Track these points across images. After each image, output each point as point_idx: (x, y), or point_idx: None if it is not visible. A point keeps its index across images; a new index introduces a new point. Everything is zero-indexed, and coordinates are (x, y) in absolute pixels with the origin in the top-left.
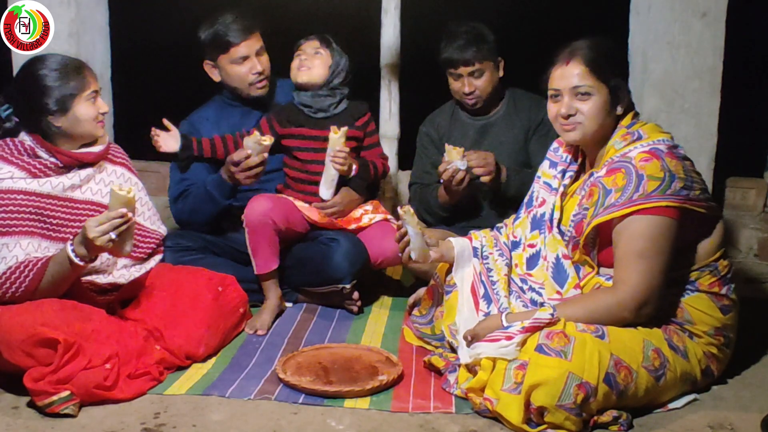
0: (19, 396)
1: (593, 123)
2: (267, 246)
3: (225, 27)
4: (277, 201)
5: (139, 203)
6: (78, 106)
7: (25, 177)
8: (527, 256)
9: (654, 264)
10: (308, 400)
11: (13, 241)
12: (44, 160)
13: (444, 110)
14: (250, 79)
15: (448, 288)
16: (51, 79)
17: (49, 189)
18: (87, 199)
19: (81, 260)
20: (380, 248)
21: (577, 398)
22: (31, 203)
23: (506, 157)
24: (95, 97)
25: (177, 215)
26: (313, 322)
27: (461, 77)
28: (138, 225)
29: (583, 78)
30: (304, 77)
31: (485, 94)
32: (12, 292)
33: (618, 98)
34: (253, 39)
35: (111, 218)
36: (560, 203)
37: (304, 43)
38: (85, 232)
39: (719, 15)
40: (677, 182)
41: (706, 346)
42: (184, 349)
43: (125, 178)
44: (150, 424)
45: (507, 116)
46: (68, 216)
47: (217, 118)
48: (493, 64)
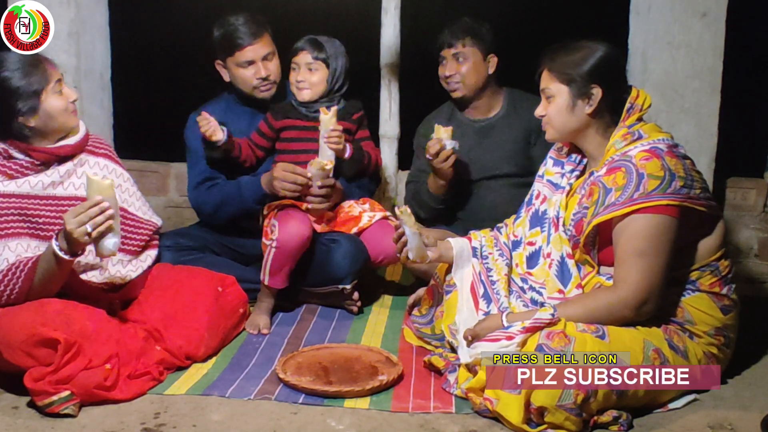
0: (19, 396)
1: (558, 122)
2: (290, 267)
3: (233, 30)
4: (307, 222)
5: (126, 194)
6: (46, 101)
7: (2, 180)
8: (527, 255)
9: (654, 262)
10: (308, 400)
11: (1, 245)
12: (19, 160)
13: (442, 111)
14: (254, 83)
15: (447, 288)
16: (14, 80)
17: (28, 189)
18: (71, 195)
19: (65, 254)
20: (381, 246)
21: (577, 398)
22: (12, 205)
23: (506, 158)
24: (60, 87)
25: (196, 202)
26: (313, 322)
27: (446, 61)
28: (129, 215)
29: (545, 81)
30: (306, 96)
31: (468, 82)
32: (7, 295)
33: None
34: (260, 43)
35: (86, 207)
36: (566, 201)
37: (298, 53)
38: (64, 225)
39: (719, 15)
40: (677, 181)
41: (707, 346)
42: (184, 350)
43: (109, 170)
44: (150, 424)
45: (507, 118)
46: (53, 214)
47: (225, 115)
48: (481, 55)
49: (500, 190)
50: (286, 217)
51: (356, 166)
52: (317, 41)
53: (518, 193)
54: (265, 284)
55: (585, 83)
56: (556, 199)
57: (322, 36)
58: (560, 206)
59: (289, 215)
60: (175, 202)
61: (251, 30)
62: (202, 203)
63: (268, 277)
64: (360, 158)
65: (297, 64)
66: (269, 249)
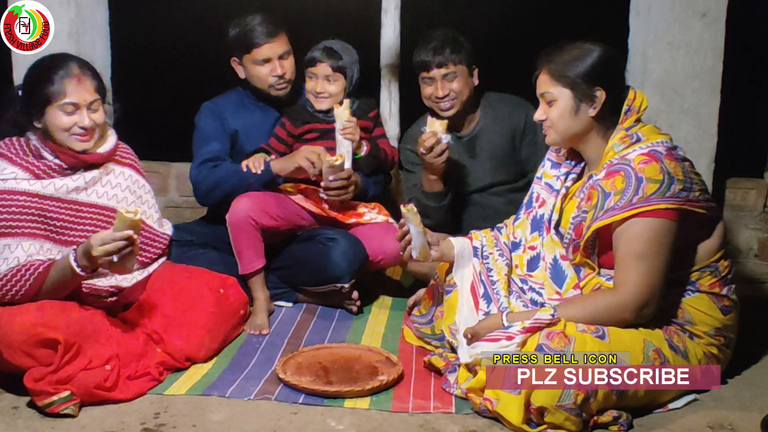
0: (19, 396)
1: (561, 127)
2: (250, 245)
3: (251, 28)
4: (260, 198)
5: (146, 205)
6: (49, 113)
7: (29, 178)
8: (528, 259)
9: (654, 265)
10: (308, 400)
11: (15, 243)
12: (48, 161)
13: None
14: (270, 81)
15: (448, 288)
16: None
17: (53, 191)
18: (93, 203)
19: (83, 270)
20: (380, 247)
21: (577, 398)
22: (34, 205)
23: (498, 166)
24: (74, 110)
25: (197, 179)
26: (313, 322)
27: (434, 81)
28: (147, 228)
29: (545, 85)
30: (325, 106)
31: (462, 98)
32: (12, 294)
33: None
34: (277, 42)
35: (116, 239)
36: (560, 205)
37: (317, 64)
38: (89, 247)
39: (719, 15)
40: (676, 184)
41: (707, 346)
42: (184, 352)
43: (133, 180)
44: (150, 424)
45: (487, 126)
46: (73, 219)
47: (236, 109)
48: (467, 70)
49: (497, 199)
50: (235, 199)
51: (374, 163)
52: (335, 51)
53: (515, 198)
54: (240, 273)
55: (588, 86)
56: (550, 202)
57: (334, 42)
58: (554, 209)
59: (243, 195)
60: (175, 202)
61: (269, 29)
62: (203, 179)
63: (239, 265)
64: (377, 155)
65: (315, 75)
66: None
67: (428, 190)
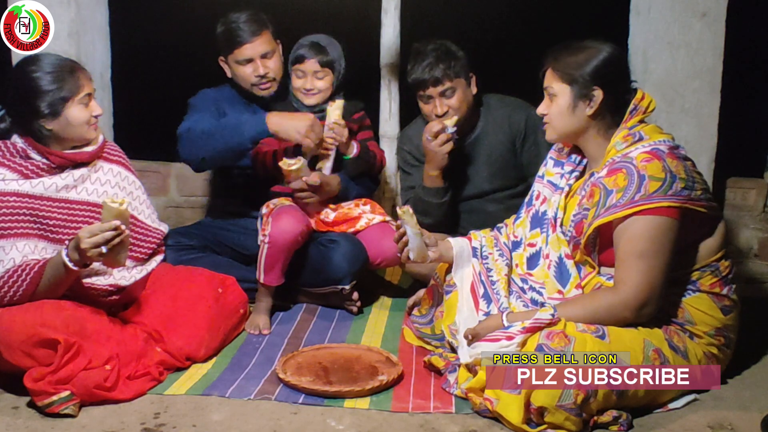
0: (19, 396)
1: (558, 123)
2: (282, 262)
3: (234, 27)
4: (299, 214)
5: (137, 201)
6: (70, 109)
7: (17, 179)
8: (527, 256)
9: (655, 264)
10: (308, 400)
11: (9, 244)
12: (36, 161)
13: (417, 124)
14: (253, 80)
15: (447, 288)
16: (45, 81)
17: (42, 190)
18: (83, 200)
19: (75, 265)
20: (379, 248)
21: (577, 398)
22: (25, 205)
23: (498, 171)
24: (89, 100)
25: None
26: (313, 322)
27: (432, 99)
28: (139, 223)
29: (548, 79)
30: (312, 101)
31: (462, 110)
32: (10, 296)
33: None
34: (260, 41)
35: (103, 230)
36: (564, 202)
37: (304, 61)
38: (78, 240)
39: (719, 15)
40: (678, 183)
41: (707, 346)
42: (184, 352)
43: (122, 177)
44: (150, 424)
45: (487, 131)
46: (64, 217)
47: (231, 104)
48: (464, 81)
49: (496, 206)
50: (279, 213)
51: (362, 165)
52: (322, 47)
53: (515, 204)
54: (261, 282)
55: (586, 85)
56: (554, 200)
57: (319, 36)
58: (558, 207)
59: (282, 211)
60: (175, 202)
61: (251, 28)
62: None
63: (263, 275)
64: (367, 158)
65: (303, 72)
66: (262, 245)
67: (429, 186)
